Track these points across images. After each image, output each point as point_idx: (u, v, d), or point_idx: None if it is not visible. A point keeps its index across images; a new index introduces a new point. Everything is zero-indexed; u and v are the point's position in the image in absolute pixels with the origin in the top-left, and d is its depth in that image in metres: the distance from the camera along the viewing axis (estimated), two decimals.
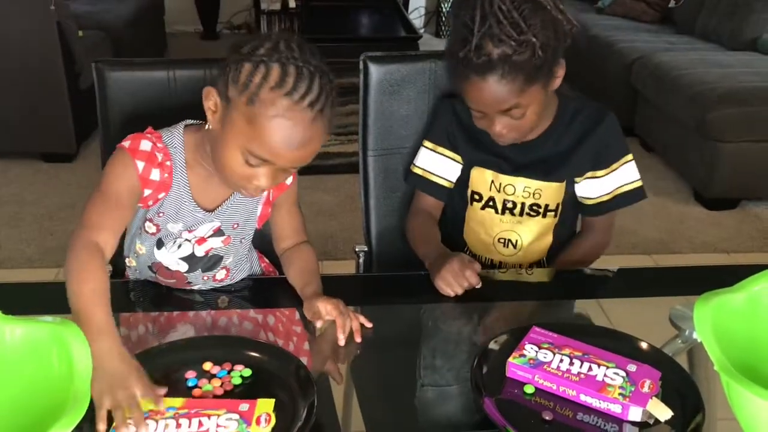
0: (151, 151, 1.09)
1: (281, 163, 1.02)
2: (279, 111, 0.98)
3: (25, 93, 3.24)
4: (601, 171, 1.34)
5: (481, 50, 1.15)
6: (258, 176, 1.04)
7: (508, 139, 1.26)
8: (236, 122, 1.01)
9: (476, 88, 1.19)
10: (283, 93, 0.98)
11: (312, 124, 1.00)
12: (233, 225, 1.18)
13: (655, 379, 0.91)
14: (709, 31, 3.99)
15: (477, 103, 1.22)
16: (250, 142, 1.00)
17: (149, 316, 1.16)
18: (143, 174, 1.08)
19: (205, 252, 1.18)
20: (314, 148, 1.03)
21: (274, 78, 0.98)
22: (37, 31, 3.15)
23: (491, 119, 1.23)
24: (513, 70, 1.15)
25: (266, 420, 0.85)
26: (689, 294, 0.99)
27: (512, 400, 0.92)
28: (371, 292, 1.26)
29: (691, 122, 3.10)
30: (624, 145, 1.36)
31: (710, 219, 3.03)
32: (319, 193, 3.13)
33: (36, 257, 2.65)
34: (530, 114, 1.23)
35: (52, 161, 3.39)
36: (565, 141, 1.33)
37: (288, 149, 1.00)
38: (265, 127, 0.99)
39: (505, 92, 1.17)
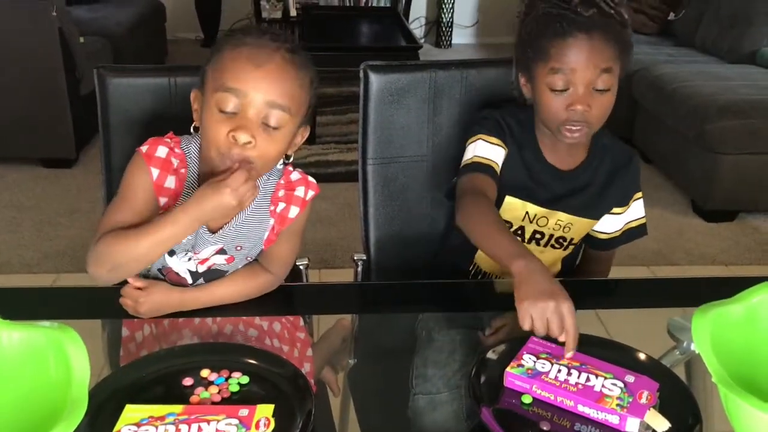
0: (167, 157, 1.09)
1: (254, 90, 1.01)
2: (240, 43, 1.04)
3: (26, 98, 3.25)
4: (620, 209, 1.37)
5: (587, 5, 1.17)
6: (235, 126, 1.01)
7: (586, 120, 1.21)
8: (207, 87, 1.05)
9: (577, 45, 1.18)
10: (241, 35, 1.05)
11: (274, 51, 1.03)
12: (236, 247, 1.15)
13: (652, 391, 0.91)
14: (709, 44, 4.01)
15: (575, 59, 1.18)
16: (218, 79, 1.03)
17: (153, 321, 1.15)
18: (158, 182, 1.08)
19: (207, 267, 1.17)
20: (283, 81, 1.03)
21: (238, 35, 1.06)
22: (38, 37, 3.16)
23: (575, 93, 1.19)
24: (612, 35, 1.18)
25: (265, 424, 0.85)
26: (687, 305, 0.99)
27: (510, 410, 0.92)
28: (370, 300, 1.26)
29: (690, 134, 3.11)
30: (639, 182, 1.38)
31: (708, 231, 3.03)
32: (318, 201, 3.10)
33: (34, 262, 2.64)
34: (610, 96, 1.22)
35: (51, 167, 3.39)
36: (599, 176, 1.33)
37: (254, 68, 1.01)
38: (228, 60, 1.03)
39: (606, 50, 1.18)
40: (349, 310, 1.20)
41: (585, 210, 1.33)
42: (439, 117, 1.47)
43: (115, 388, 0.92)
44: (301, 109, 1.08)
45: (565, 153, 1.31)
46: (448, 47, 5.66)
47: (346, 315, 1.18)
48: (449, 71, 1.46)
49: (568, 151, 1.31)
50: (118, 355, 1.11)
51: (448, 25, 5.60)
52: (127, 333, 1.11)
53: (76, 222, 2.88)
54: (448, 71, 1.46)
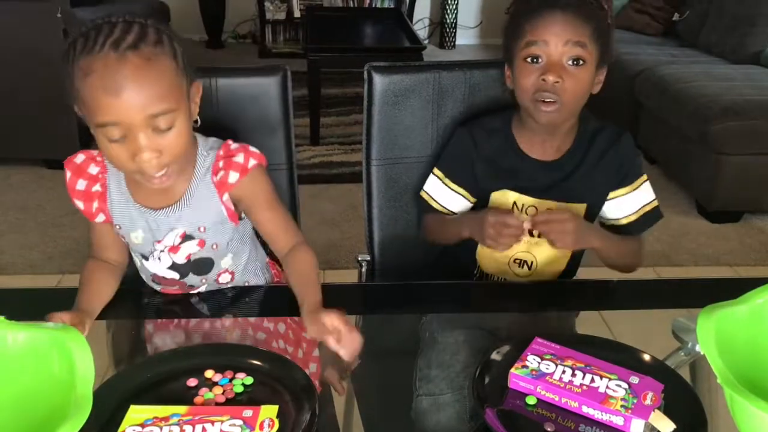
0: (82, 164, 1.15)
1: (125, 116, 0.97)
2: (86, 69, 0.97)
3: (30, 99, 3.25)
4: (623, 189, 1.35)
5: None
6: (134, 149, 0.99)
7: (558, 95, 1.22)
8: (83, 113, 1.03)
9: (551, 19, 1.21)
10: (85, 53, 0.98)
11: (121, 64, 0.96)
12: (199, 228, 1.15)
13: (657, 392, 0.91)
14: (713, 45, 4.00)
15: (550, 29, 1.21)
16: (92, 117, 1.00)
17: (161, 323, 1.17)
18: (69, 183, 1.14)
19: (185, 258, 1.17)
20: (148, 88, 0.98)
21: (78, 48, 0.99)
22: (43, 38, 3.16)
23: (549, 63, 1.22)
24: (587, 15, 1.21)
25: (269, 425, 0.85)
26: (692, 306, 0.99)
27: (514, 411, 0.92)
28: (373, 301, 1.26)
29: (694, 135, 3.10)
30: (641, 165, 1.38)
31: (713, 232, 3.02)
32: (322, 201, 3.14)
33: (38, 263, 2.65)
34: (585, 72, 1.23)
35: (55, 168, 3.39)
36: (587, 162, 1.33)
37: (113, 97, 0.96)
38: (86, 93, 0.98)
39: (578, 25, 1.20)
40: (353, 310, 1.20)
41: (574, 195, 1.33)
42: (443, 118, 1.47)
43: (119, 388, 0.92)
44: (180, 89, 1.03)
45: (547, 144, 1.32)
46: (451, 48, 5.66)
47: (351, 316, 1.18)
48: (453, 72, 1.46)
49: (551, 142, 1.32)
50: (124, 354, 1.11)
51: (451, 25, 5.60)
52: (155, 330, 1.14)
53: (79, 223, 2.87)
54: (452, 72, 1.46)
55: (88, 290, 1.12)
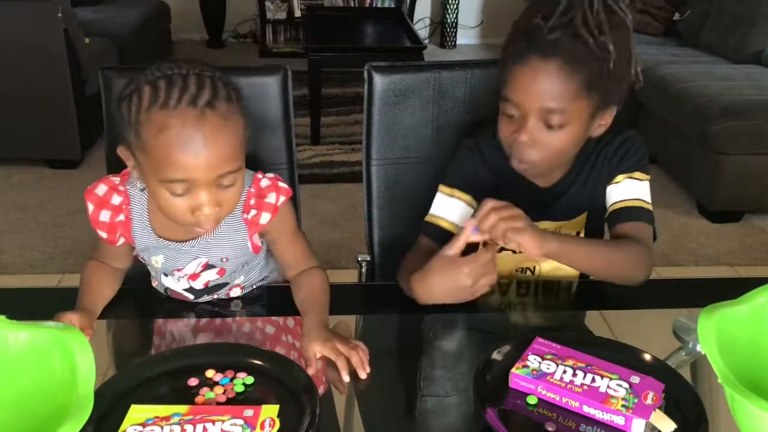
0: (104, 195, 1.11)
1: (198, 176, 0.97)
2: (160, 124, 0.94)
3: (31, 99, 3.26)
4: (621, 176, 1.23)
5: (552, 33, 1.06)
6: (195, 205, 0.99)
7: (529, 157, 1.14)
8: (142, 162, 1.00)
9: (530, 72, 1.08)
10: (158, 106, 0.95)
11: (201, 121, 0.94)
12: (222, 259, 1.15)
13: (658, 391, 0.91)
14: (714, 44, 4.00)
15: (523, 91, 1.10)
16: (158, 171, 0.97)
17: (164, 323, 1.17)
18: (93, 216, 1.11)
19: (203, 285, 1.18)
20: (223, 147, 0.97)
21: (147, 98, 0.96)
22: (44, 38, 3.17)
23: (523, 120, 1.11)
24: (577, 66, 1.06)
25: (270, 425, 0.85)
26: (692, 306, 0.99)
27: (515, 410, 0.92)
28: (373, 301, 1.26)
29: (694, 134, 3.10)
30: (646, 160, 1.25)
31: (713, 231, 3.02)
32: (322, 201, 3.14)
33: (39, 263, 2.65)
34: (566, 135, 1.11)
35: (56, 167, 3.40)
36: (584, 172, 1.25)
37: (190, 157, 0.95)
38: (158, 149, 0.95)
39: (558, 86, 1.07)
40: (354, 310, 1.20)
41: (574, 209, 1.26)
42: (444, 118, 1.47)
43: (120, 388, 0.92)
44: (244, 148, 1.04)
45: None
46: (452, 48, 5.66)
47: (351, 316, 1.19)
48: (454, 72, 1.46)
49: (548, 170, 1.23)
50: (125, 354, 1.11)
51: (452, 25, 5.60)
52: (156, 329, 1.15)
53: (80, 223, 2.88)
54: (453, 72, 1.46)
55: (90, 290, 1.12)
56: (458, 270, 1.06)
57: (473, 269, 1.05)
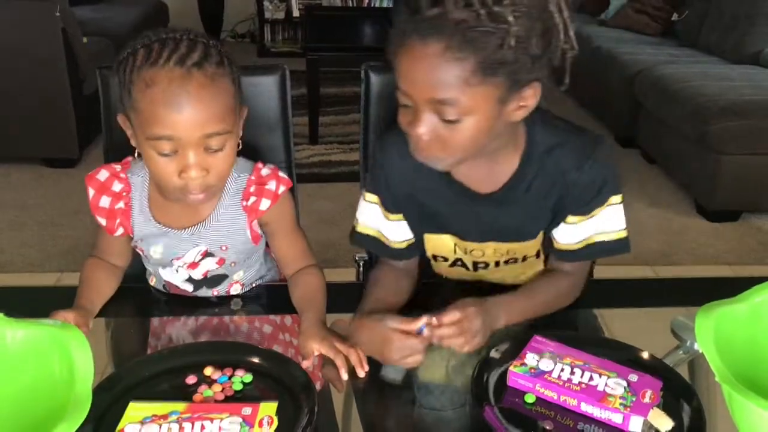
0: (106, 181, 1.12)
1: (182, 133, 0.98)
2: (148, 81, 0.97)
3: (29, 98, 3.25)
4: (578, 217, 1.10)
5: (435, 5, 0.88)
6: (182, 166, 1.00)
7: (429, 153, 0.98)
8: (134, 122, 1.02)
9: (411, 57, 0.91)
10: (148, 65, 0.97)
11: (186, 79, 0.97)
12: (221, 247, 1.15)
13: (656, 390, 0.91)
14: (712, 45, 4.01)
15: (406, 79, 0.93)
16: (145, 129, 0.99)
17: (163, 321, 1.17)
18: (93, 201, 1.12)
19: (202, 275, 1.18)
20: (208, 107, 0.98)
21: (140, 58, 0.99)
22: (42, 38, 3.16)
23: (416, 113, 0.94)
24: (466, 45, 0.87)
25: (269, 422, 0.85)
26: (690, 305, 0.99)
27: (513, 408, 0.92)
28: None
29: (692, 134, 3.10)
30: (614, 185, 1.09)
31: (712, 231, 3.02)
32: (320, 200, 3.14)
33: (37, 262, 2.65)
34: (468, 128, 0.93)
35: (54, 166, 3.39)
36: (533, 191, 1.07)
37: (174, 113, 0.96)
38: (145, 105, 0.97)
39: (444, 72, 0.89)
40: (351, 309, 1.20)
41: (522, 235, 1.13)
42: None
43: (118, 386, 0.92)
44: (235, 112, 1.05)
45: (483, 170, 1.07)
46: None
47: (348, 315, 1.18)
48: None
49: (488, 168, 1.07)
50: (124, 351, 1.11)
51: None
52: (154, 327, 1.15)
53: (78, 222, 2.88)
54: None
55: (88, 288, 1.12)
56: (389, 342, 0.98)
57: (403, 347, 0.97)
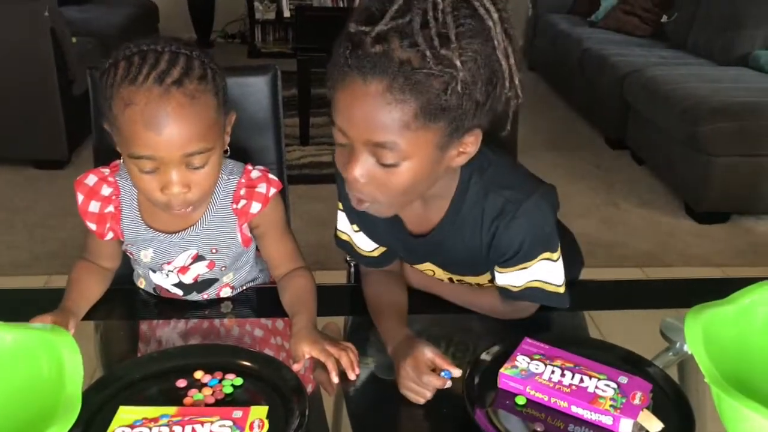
0: (95, 185, 1.12)
1: (162, 153, 0.96)
2: (127, 100, 0.95)
3: (18, 99, 3.24)
4: (504, 269, 1.08)
5: (379, 43, 0.82)
6: (164, 183, 0.99)
7: (364, 197, 0.94)
8: (115, 136, 1.01)
9: (350, 95, 0.85)
10: (127, 81, 0.95)
11: (165, 99, 0.94)
12: (211, 250, 1.15)
13: (646, 391, 0.92)
14: (701, 46, 4.03)
15: (344, 117, 0.87)
16: (126, 147, 0.99)
17: (153, 324, 1.17)
18: (82, 206, 1.12)
19: (193, 279, 1.17)
20: (188, 126, 0.96)
21: (119, 73, 0.97)
22: (30, 38, 3.15)
23: (353, 154, 0.89)
24: (409, 88, 0.82)
25: (259, 426, 0.84)
26: (680, 306, 1.00)
27: (504, 411, 0.92)
28: (362, 302, 1.25)
29: (682, 136, 3.12)
30: (542, 243, 1.04)
31: (701, 232, 3.04)
32: (311, 202, 3.13)
33: (26, 263, 2.63)
34: (405, 172, 0.89)
35: (44, 168, 3.38)
36: (467, 236, 1.05)
37: (153, 134, 0.95)
38: (124, 124, 0.96)
39: (384, 114, 0.83)
40: (342, 311, 1.20)
41: (464, 270, 1.15)
42: None
43: (108, 389, 0.92)
44: (219, 127, 1.03)
45: (415, 211, 1.07)
46: None
47: (339, 317, 1.18)
48: None
49: (420, 210, 1.06)
50: (113, 355, 1.11)
51: None
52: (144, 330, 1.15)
53: (67, 224, 2.86)
54: None
55: (76, 290, 1.12)
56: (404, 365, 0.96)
57: (413, 379, 0.94)
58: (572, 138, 4.12)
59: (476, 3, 0.84)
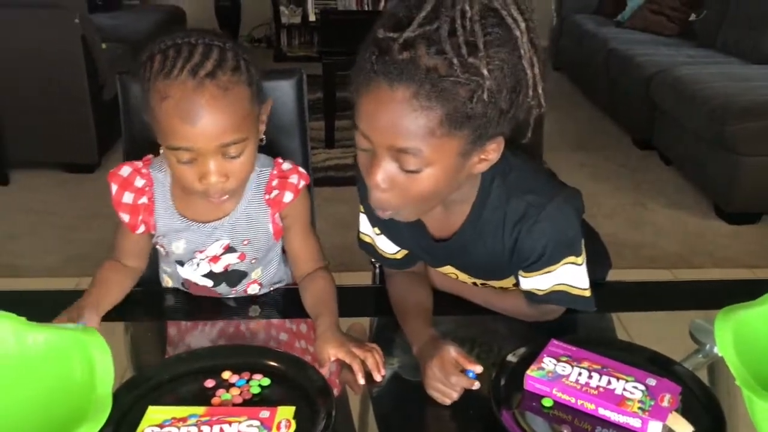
0: (128, 177, 1.14)
1: (199, 145, 0.99)
2: (163, 93, 0.98)
3: (49, 104, 3.29)
4: (528, 273, 1.08)
5: (406, 49, 0.83)
6: (202, 173, 1.02)
7: (385, 203, 0.93)
8: (154, 127, 1.03)
9: (376, 100, 0.85)
10: (162, 75, 0.98)
11: (199, 91, 0.97)
12: (243, 241, 1.16)
13: (675, 394, 0.91)
14: (730, 45, 3.97)
15: (368, 123, 0.87)
16: (164, 139, 1.01)
17: (180, 325, 1.18)
18: (116, 197, 1.13)
19: (223, 268, 1.19)
20: (222, 117, 0.98)
21: (155, 67, 0.99)
22: (61, 44, 3.20)
23: (375, 159, 0.89)
24: (435, 96, 0.82)
25: (286, 426, 0.85)
26: (709, 308, 0.98)
27: (530, 413, 0.92)
28: (387, 303, 1.26)
29: (710, 135, 3.08)
30: (566, 247, 1.04)
31: (731, 233, 3.00)
32: (336, 204, 3.14)
33: (57, 266, 2.67)
34: (427, 178, 0.89)
35: (74, 172, 3.43)
36: (488, 241, 1.05)
37: (189, 126, 0.97)
38: (161, 117, 0.99)
39: (409, 120, 0.83)
40: (367, 312, 1.21)
41: (487, 275, 1.16)
42: None
43: (138, 389, 0.93)
44: (253, 117, 1.05)
45: (436, 217, 1.07)
46: None
47: (364, 318, 1.19)
48: None
49: (441, 216, 1.07)
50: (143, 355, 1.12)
51: None
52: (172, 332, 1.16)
53: (97, 227, 2.91)
54: None
55: (98, 289, 1.13)
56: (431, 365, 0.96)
57: (440, 379, 0.95)
58: (599, 138, 4.08)
59: (503, 12, 0.84)
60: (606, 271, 1.38)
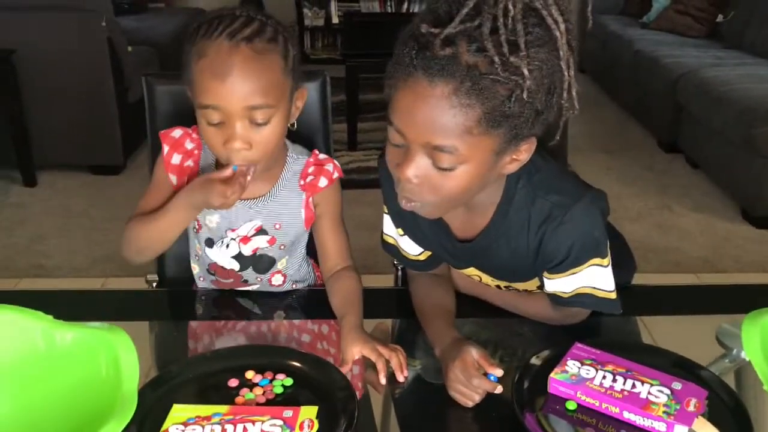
0: (180, 138, 1.17)
1: (226, 103, 1.01)
2: (200, 52, 1.02)
3: (75, 106, 3.34)
4: (553, 275, 1.07)
5: (448, 45, 0.82)
6: (227, 136, 1.03)
7: (416, 198, 0.93)
8: (190, 92, 1.07)
9: (414, 95, 0.85)
10: (202, 38, 1.03)
11: (233, 53, 1.01)
12: (275, 225, 1.18)
13: (701, 398, 0.90)
14: (758, 46, 3.92)
15: (404, 117, 0.87)
16: (196, 97, 1.04)
17: (204, 325, 1.19)
18: (167, 157, 1.16)
19: (252, 251, 1.20)
20: (253, 79, 1.01)
21: (200, 33, 1.04)
22: (88, 47, 3.25)
23: (408, 154, 0.89)
24: (475, 94, 0.82)
25: (309, 426, 0.85)
26: (736, 312, 0.97)
27: (554, 416, 0.91)
28: (409, 304, 1.26)
29: (738, 138, 3.04)
30: (591, 249, 1.03)
31: (759, 237, 2.95)
32: (360, 206, 3.14)
33: (83, 267, 2.71)
34: (460, 176, 0.89)
35: (99, 173, 3.47)
36: (512, 242, 1.05)
37: (219, 82, 1.00)
38: (196, 74, 1.03)
39: (448, 117, 0.83)
40: (390, 314, 1.21)
41: (511, 277, 1.15)
42: None
43: (163, 387, 0.94)
44: (284, 89, 1.07)
45: (460, 217, 1.07)
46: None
47: (387, 319, 1.19)
48: None
49: (464, 216, 1.07)
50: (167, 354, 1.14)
51: None
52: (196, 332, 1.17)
53: (123, 228, 2.94)
54: None
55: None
56: (452, 367, 0.95)
57: (462, 381, 0.94)
58: (624, 140, 4.05)
59: (544, 12, 0.84)
60: (631, 274, 1.36)
